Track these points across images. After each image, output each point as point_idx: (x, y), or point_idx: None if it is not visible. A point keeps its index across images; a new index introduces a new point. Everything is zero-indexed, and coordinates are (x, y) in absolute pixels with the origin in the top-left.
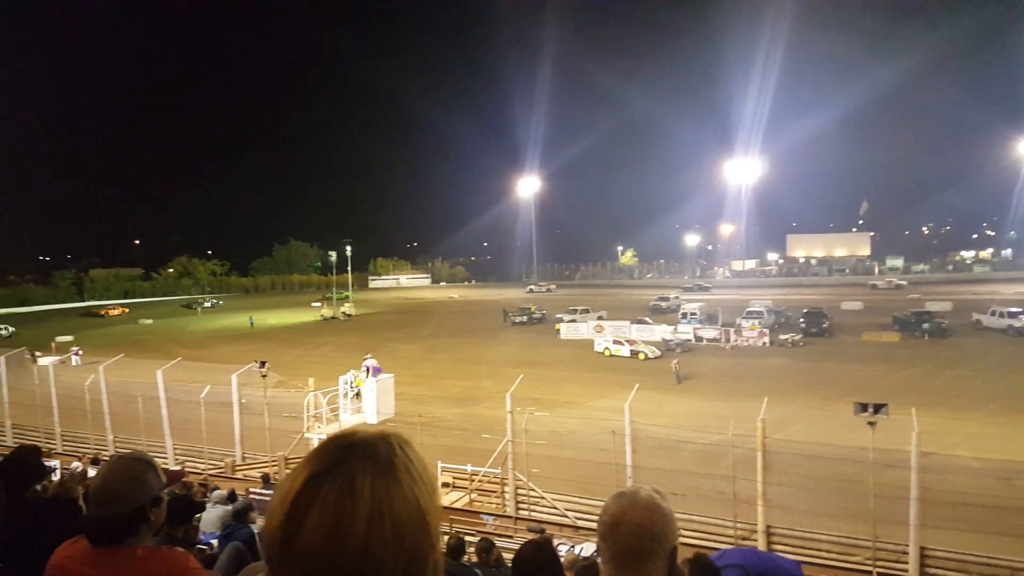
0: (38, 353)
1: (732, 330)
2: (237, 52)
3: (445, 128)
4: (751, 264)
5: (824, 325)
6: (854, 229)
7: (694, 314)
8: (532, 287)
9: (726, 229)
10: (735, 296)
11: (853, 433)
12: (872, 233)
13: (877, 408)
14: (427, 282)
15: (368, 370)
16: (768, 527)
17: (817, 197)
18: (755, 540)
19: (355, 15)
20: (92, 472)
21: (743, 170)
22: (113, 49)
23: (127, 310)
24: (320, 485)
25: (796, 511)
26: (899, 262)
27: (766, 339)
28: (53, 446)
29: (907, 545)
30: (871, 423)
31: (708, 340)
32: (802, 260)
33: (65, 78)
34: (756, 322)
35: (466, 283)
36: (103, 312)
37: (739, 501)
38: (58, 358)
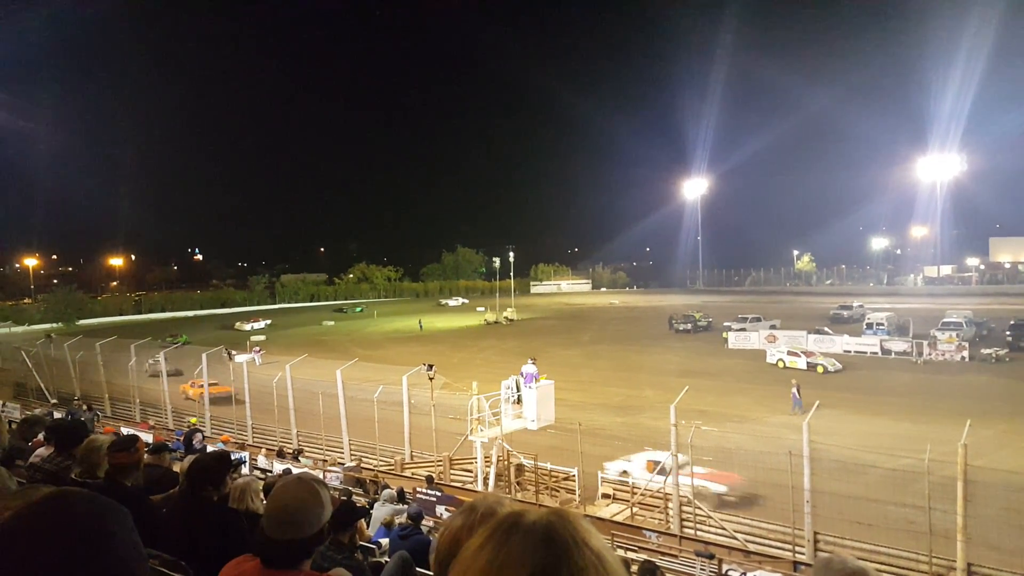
0: (234, 351)
1: (925, 343)
2: (409, 69)
3: (607, 131)
4: (947, 270)
5: None
6: None
7: (881, 324)
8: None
9: (918, 232)
10: (928, 305)
11: None
12: None
13: None
14: (587, 287)
15: (523, 375)
16: (969, 565)
17: None
18: None
19: (519, 20)
20: (276, 464)
21: (938, 167)
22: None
23: None
24: None
25: (1004, 549)
26: None
27: (965, 353)
28: (245, 438)
29: None
30: None
31: (897, 353)
32: (1008, 265)
33: (262, 107)
34: (954, 334)
35: (627, 289)
36: None
37: (935, 534)
38: (249, 356)
